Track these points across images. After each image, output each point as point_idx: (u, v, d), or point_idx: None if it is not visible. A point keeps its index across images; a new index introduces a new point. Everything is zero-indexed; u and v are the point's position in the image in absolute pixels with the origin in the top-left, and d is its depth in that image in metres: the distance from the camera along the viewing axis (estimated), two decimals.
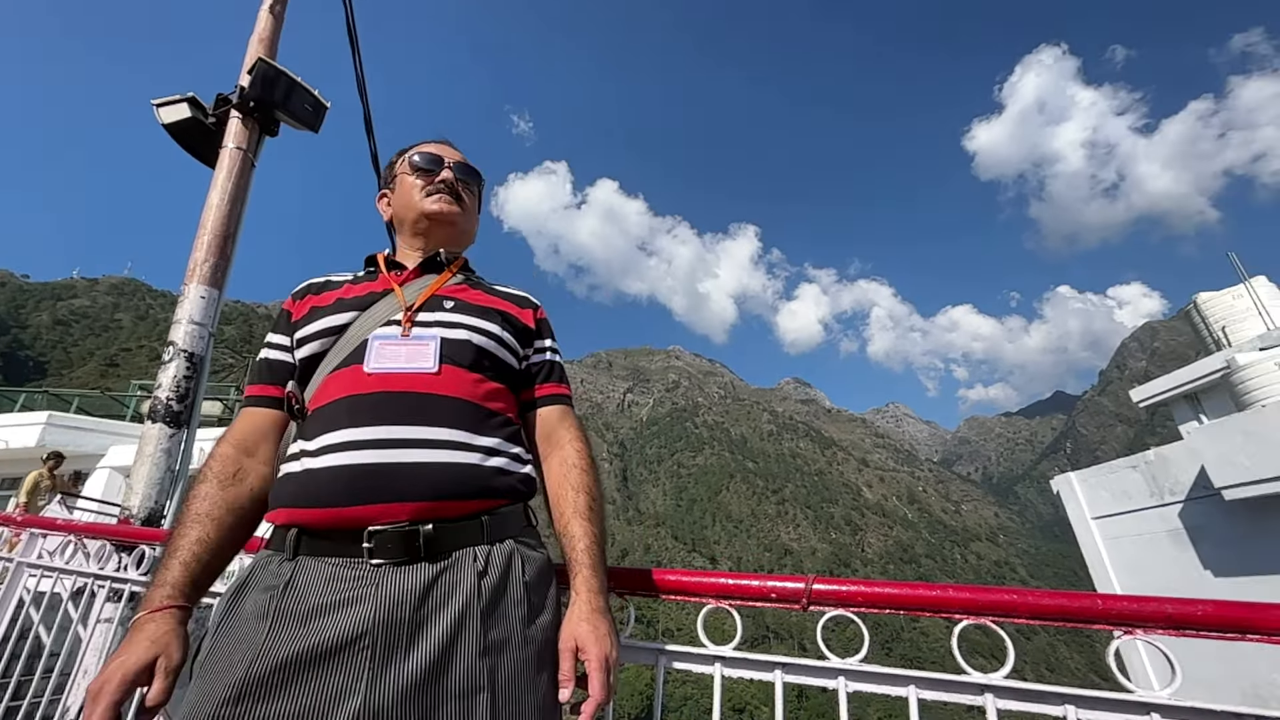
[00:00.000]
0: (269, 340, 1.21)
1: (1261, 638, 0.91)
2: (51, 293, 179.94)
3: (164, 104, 3.28)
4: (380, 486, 0.92)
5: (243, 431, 1.12)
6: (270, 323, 1.26)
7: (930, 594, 1.08)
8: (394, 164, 1.39)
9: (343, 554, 0.91)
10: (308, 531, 0.94)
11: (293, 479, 0.99)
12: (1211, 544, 8.37)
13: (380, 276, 1.24)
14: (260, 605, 0.88)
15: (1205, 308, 11.85)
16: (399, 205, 1.34)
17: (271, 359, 1.18)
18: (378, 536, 0.91)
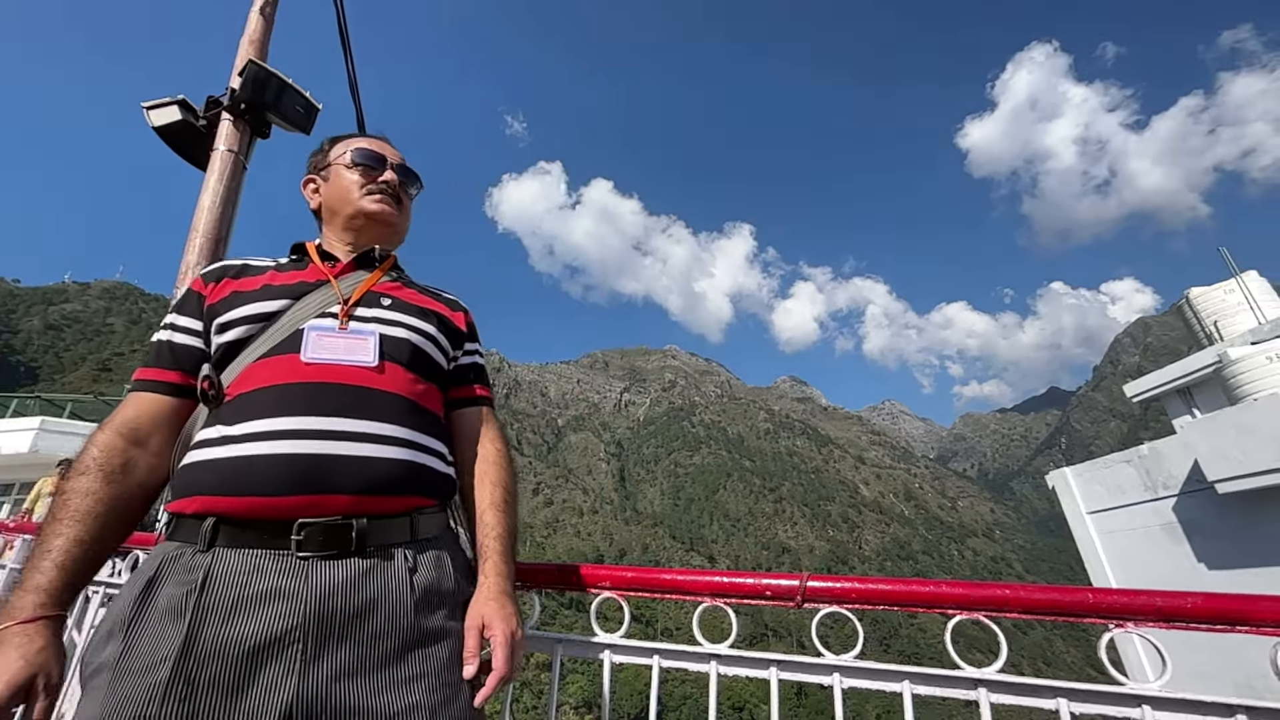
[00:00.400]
0: (171, 322, 1.13)
1: (1250, 629, 0.92)
2: (43, 297, 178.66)
3: (154, 107, 3.26)
4: (317, 478, 0.91)
5: (132, 419, 1.03)
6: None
7: (924, 590, 1.09)
8: (327, 151, 1.35)
9: (267, 545, 0.89)
10: (227, 521, 0.90)
11: (210, 466, 0.93)
12: (1205, 537, 8.43)
13: (311, 266, 1.21)
14: (176, 601, 0.83)
15: (1197, 303, 11.93)
16: (333, 196, 1.29)
17: (175, 342, 1.10)
18: (308, 529, 0.90)
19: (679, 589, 1.25)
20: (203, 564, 0.87)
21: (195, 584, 0.84)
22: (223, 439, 0.95)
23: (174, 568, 0.88)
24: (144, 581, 0.87)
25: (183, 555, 0.89)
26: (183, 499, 0.93)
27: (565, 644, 1.35)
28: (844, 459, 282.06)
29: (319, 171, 1.33)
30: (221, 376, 1.04)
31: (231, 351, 1.06)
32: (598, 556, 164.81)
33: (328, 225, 1.31)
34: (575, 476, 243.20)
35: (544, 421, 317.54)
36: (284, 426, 0.93)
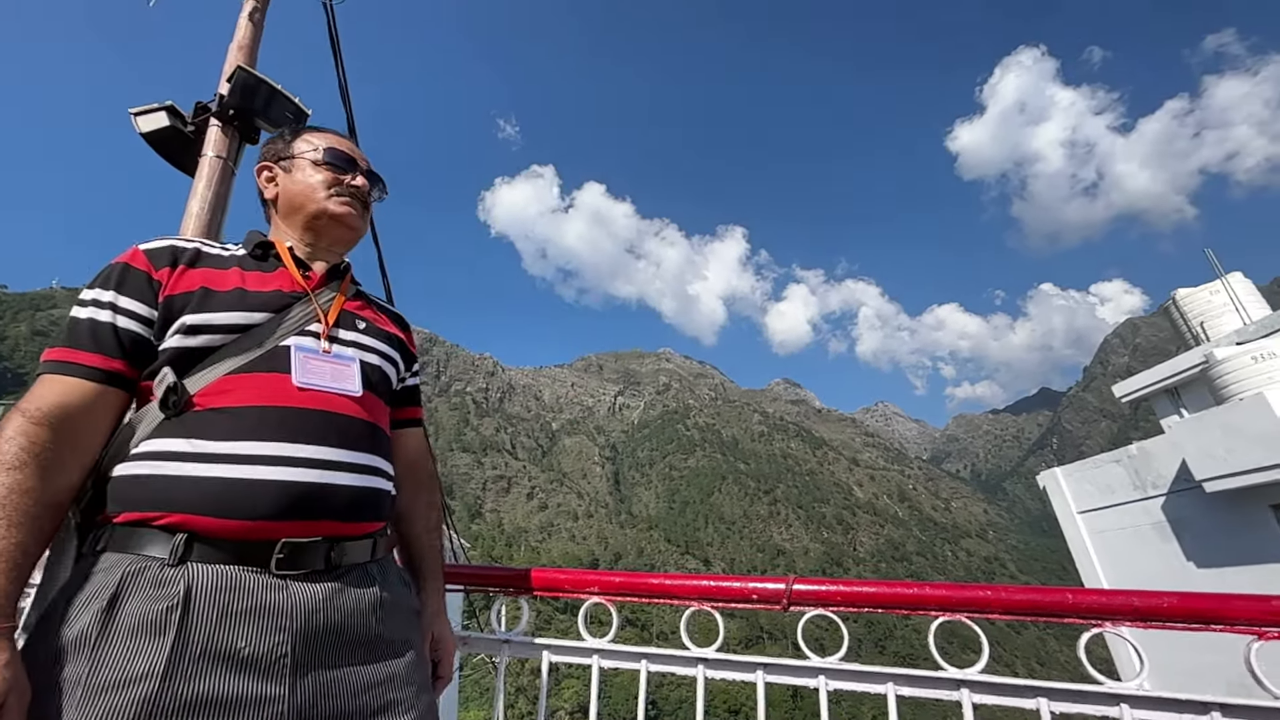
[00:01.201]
0: (111, 302, 0.99)
1: (1225, 628, 0.94)
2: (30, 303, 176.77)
3: (141, 113, 3.25)
4: (306, 505, 0.94)
5: (59, 408, 0.91)
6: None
7: (907, 592, 1.10)
8: (290, 141, 1.28)
9: (244, 563, 0.89)
10: (202, 539, 0.87)
11: (189, 483, 0.89)
12: (1194, 535, 8.52)
13: (282, 272, 1.15)
14: (155, 616, 0.81)
15: (1183, 304, 12.09)
16: (295, 191, 1.23)
17: (119, 326, 0.98)
18: (290, 548, 0.92)
19: (666, 594, 1.26)
20: (178, 579, 0.84)
21: (177, 599, 0.83)
22: (201, 455, 0.91)
23: (139, 582, 0.83)
24: (107, 596, 0.82)
25: (147, 569, 0.84)
26: (143, 511, 0.88)
27: (554, 650, 1.35)
28: (838, 461, 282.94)
29: (279, 161, 1.26)
30: (184, 381, 0.97)
31: (195, 356, 0.99)
32: (592, 560, 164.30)
33: (284, 220, 1.24)
34: (570, 480, 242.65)
35: (538, 425, 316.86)
36: (279, 453, 0.93)
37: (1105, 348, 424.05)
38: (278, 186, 1.25)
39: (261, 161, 1.28)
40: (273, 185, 1.26)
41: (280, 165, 1.26)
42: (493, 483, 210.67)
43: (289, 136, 1.29)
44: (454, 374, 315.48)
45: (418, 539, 1.27)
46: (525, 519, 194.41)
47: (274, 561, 0.90)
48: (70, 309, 1.03)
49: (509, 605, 1.51)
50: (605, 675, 1.34)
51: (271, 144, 1.30)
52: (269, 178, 1.27)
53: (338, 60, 4.14)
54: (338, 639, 0.93)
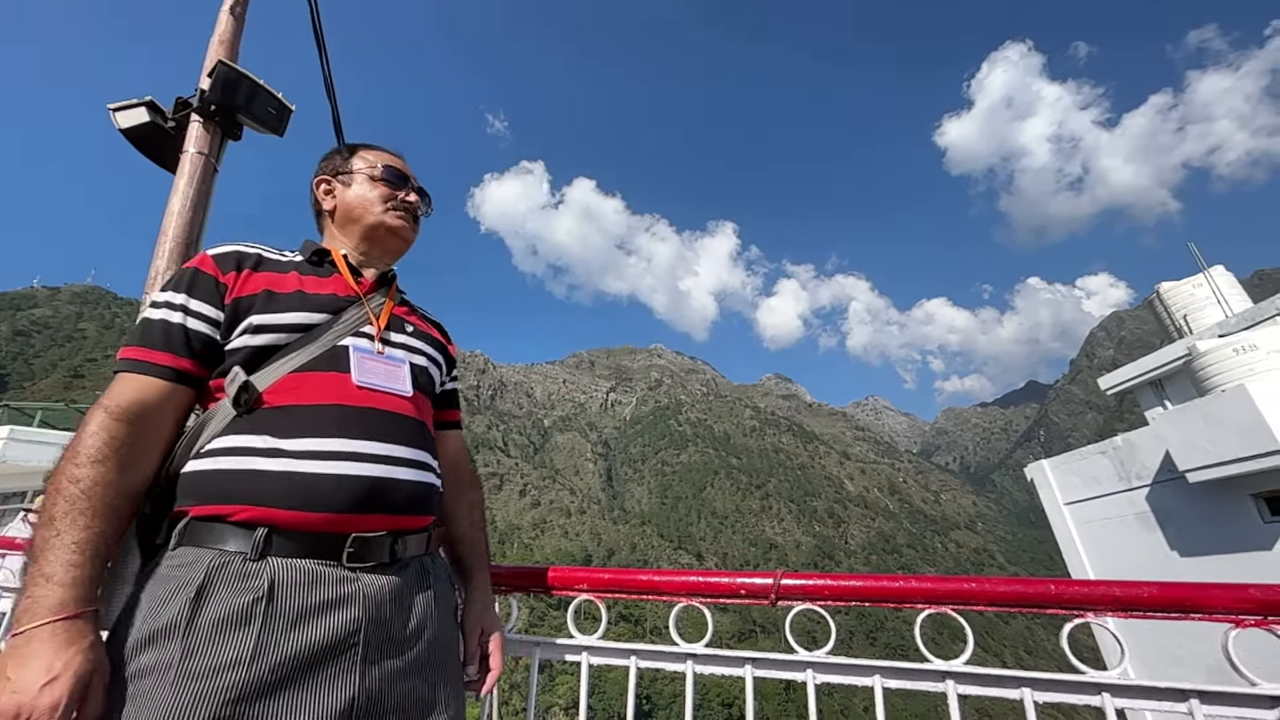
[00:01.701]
0: (182, 304, 1.05)
1: (1203, 616, 0.96)
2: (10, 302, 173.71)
3: (121, 108, 3.19)
4: (372, 499, 1.00)
5: (138, 405, 0.96)
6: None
7: (893, 586, 1.11)
8: (348, 157, 1.36)
9: (320, 556, 0.94)
10: (280, 533, 0.92)
11: (267, 477, 0.94)
12: (1178, 525, 8.66)
13: (337, 278, 1.23)
14: (242, 608, 0.86)
15: (1167, 297, 12.25)
16: (354, 204, 1.31)
17: (189, 328, 1.04)
18: (359, 542, 0.98)
19: (655, 589, 1.26)
20: (261, 572, 0.90)
21: (262, 591, 0.88)
22: (276, 451, 0.96)
23: (223, 575, 0.89)
24: (194, 588, 0.87)
25: (230, 563, 0.89)
26: (221, 504, 0.92)
27: (543, 647, 1.35)
28: (829, 455, 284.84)
29: (338, 175, 1.35)
30: (251, 379, 1.02)
31: (261, 355, 1.05)
32: (586, 557, 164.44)
33: (341, 229, 1.33)
34: (562, 477, 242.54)
35: (530, 422, 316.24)
36: (347, 449, 1.00)
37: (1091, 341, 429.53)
38: (335, 199, 1.33)
39: (319, 175, 1.36)
40: (330, 198, 1.34)
41: (339, 179, 1.34)
42: (485, 480, 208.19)
43: (346, 153, 1.37)
44: None
45: (464, 537, 1.33)
46: (518, 516, 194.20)
47: (345, 555, 0.96)
48: (51, 309, 1.02)
49: (500, 603, 1.51)
50: (600, 671, 1.35)
51: (329, 160, 1.39)
52: (326, 190, 1.35)
53: (322, 54, 4.09)
54: (401, 629, 1.00)
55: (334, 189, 1.34)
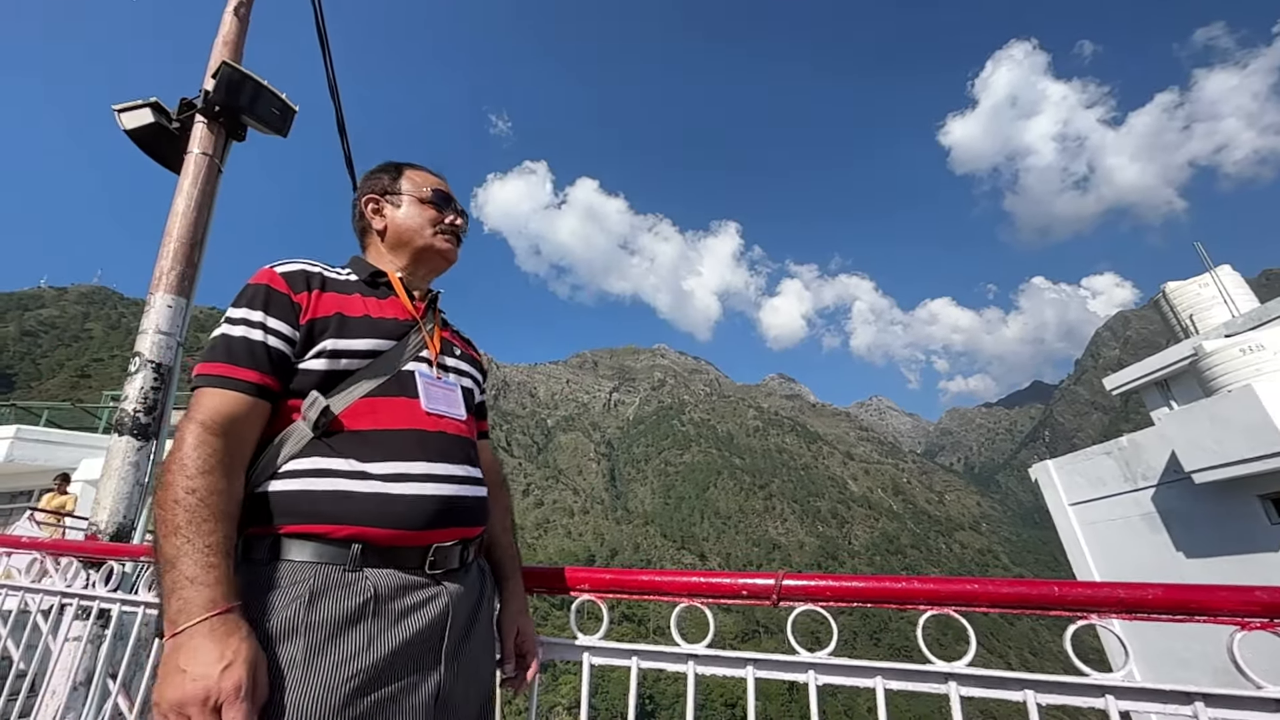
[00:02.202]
0: (262, 322, 1.07)
1: (1209, 619, 0.95)
2: (18, 303, 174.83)
3: (126, 109, 3.20)
4: (446, 517, 1.09)
5: (229, 421, 1.00)
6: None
7: (895, 587, 1.11)
8: (396, 177, 1.40)
9: (404, 567, 1.04)
10: (373, 548, 1.01)
11: (358, 499, 1.01)
12: (1183, 526, 8.61)
13: (396, 301, 1.27)
14: (353, 609, 0.95)
15: (1173, 297, 12.17)
16: (405, 226, 1.36)
17: (270, 345, 1.07)
18: (439, 552, 1.08)
19: (657, 590, 1.26)
20: (364, 580, 0.98)
21: (370, 594, 0.97)
22: (363, 474, 1.04)
23: (328, 583, 0.96)
24: (306, 593, 0.94)
25: (331, 573, 0.97)
26: (315, 524, 0.99)
27: (546, 647, 1.35)
28: (832, 455, 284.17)
29: (386, 195, 1.38)
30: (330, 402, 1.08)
31: (335, 378, 1.10)
32: (589, 557, 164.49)
33: (391, 250, 1.37)
34: (565, 477, 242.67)
35: (533, 422, 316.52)
36: (425, 471, 1.08)
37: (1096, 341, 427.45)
38: (385, 219, 1.37)
39: (368, 194, 1.39)
40: (380, 218, 1.37)
41: (388, 200, 1.38)
42: None
43: (394, 173, 1.41)
44: None
45: (498, 540, 1.39)
46: (521, 516, 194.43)
47: (427, 564, 1.06)
48: (58, 309, 1.02)
49: None
50: (603, 671, 1.35)
51: (376, 179, 1.41)
52: (375, 210, 1.38)
53: (326, 55, 4.10)
54: (470, 627, 1.12)
55: (383, 209, 1.38)
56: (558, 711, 73.03)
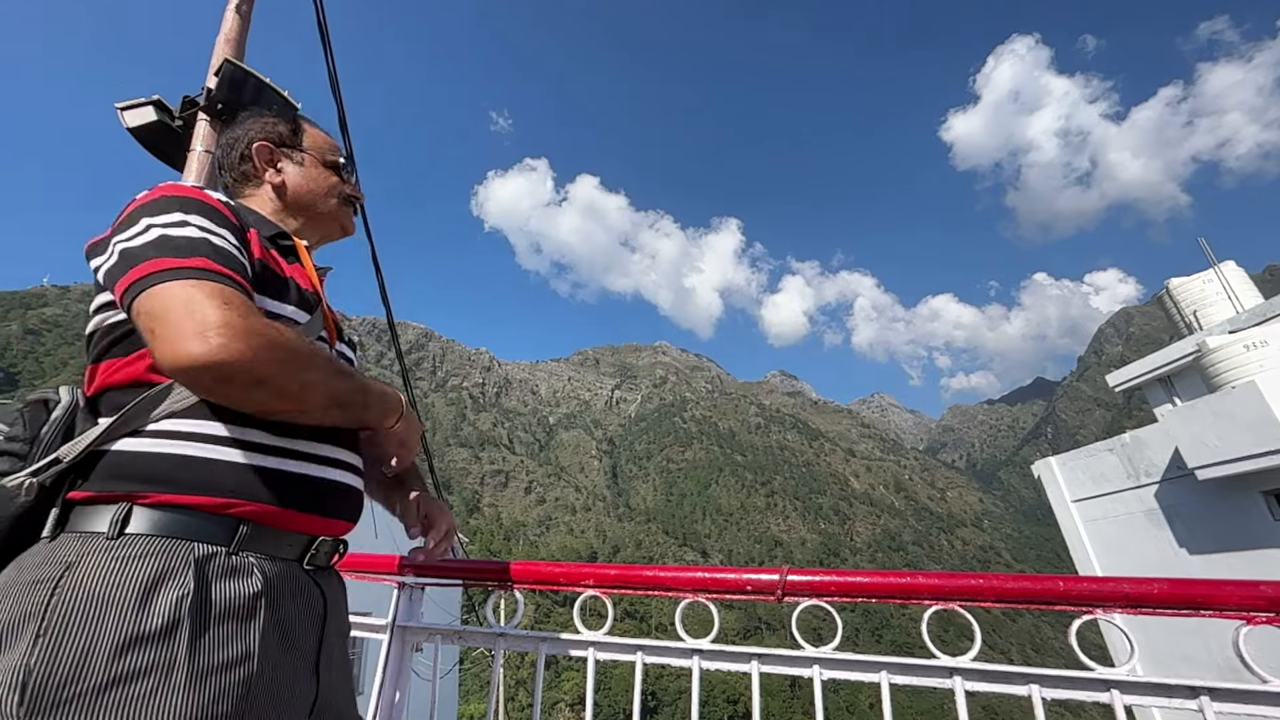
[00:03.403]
0: (227, 237, 0.91)
1: (1214, 613, 0.95)
2: (21, 301, 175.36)
3: (128, 107, 3.21)
4: (339, 507, 1.00)
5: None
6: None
7: (900, 582, 1.11)
8: (295, 130, 1.24)
9: (283, 555, 0.91)
10: (261, 530, 0.88)
11: (258, 473, 0.88)
12: (1186, 523, 8.60)
13: (301, 271, 1.10)
14: (244, 602, 0.81)
15: (1177, 293, 12.14)
16: (307, 189, 1.21)
17: (243, 261, 0.92)
18: (321, 546, 0.98)
19: (661, 585, 1.26)
20: (252, 567, 0.85)
21: (261, 590, 0.84)
22: (263, 447, 0.89)
23: (212, 567, 0.82)
24: (191, 581, 0.78)
25: (216, 556, 0.82)
26: (199, 494, 0.84)
27: (549, 642, 1.36)
28: (834, 452, 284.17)
29: (283, 147, 1.21)
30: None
31: None
32: (591, 554, 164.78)
33: (287, 211, 1.19)
34: (567, 474, 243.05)
35: (535, 420, 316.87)
36: (330, 455, 0.98)
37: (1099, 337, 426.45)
38: (282, 175, 1.20)
39: (262, 139, 1.19)
40: (274, 171, 1.20)
41: (285, 153, 1.21)
42: (490, 477, 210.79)
43: (291, 124, 1.24)
44: (450, 369, 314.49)
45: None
46: (523, 513, 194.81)
47: (306, 557, 0.95)
48: (61, 307, 0.99)
49: (506, 599, 1.51)
50: (605, 667, 1.35)
51: (269, 123, 1.22)
52: (269, 160, 1.19)
53: (327, 53, 4.10)
54: (336, 635, 1.00)
55: (278, 162, 1.20)
56: (560, 708, 73.25)
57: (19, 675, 0.67)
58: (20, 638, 0.70)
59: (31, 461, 0.82)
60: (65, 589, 0.73)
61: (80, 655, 0.70)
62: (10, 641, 0.70)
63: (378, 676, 1.46)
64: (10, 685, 0.67)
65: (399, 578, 1.54)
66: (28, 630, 0.70)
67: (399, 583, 1.56)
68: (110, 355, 0.90)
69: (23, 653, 0.69)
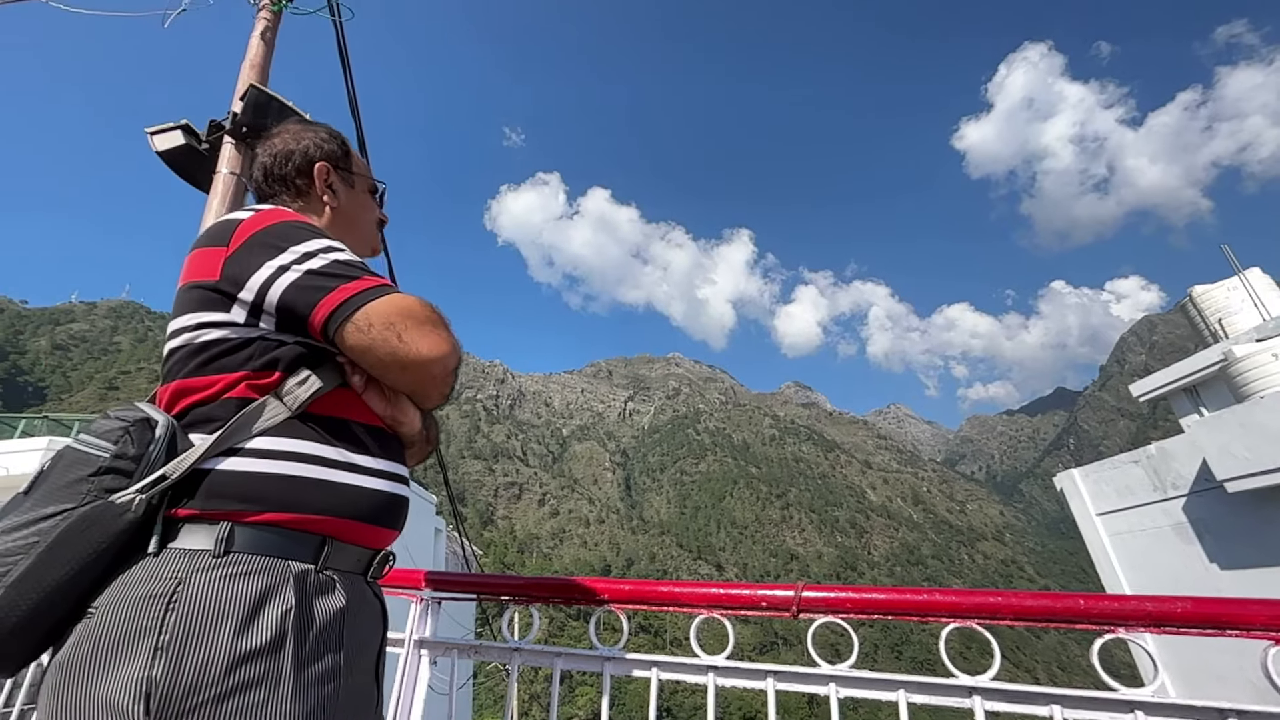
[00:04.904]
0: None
1: (1240, 633, 0.93)
2: (50, 317, 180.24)
3: (157, 132, 3.32)
4: (398, 519, 1.05)
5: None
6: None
7: (916, 599, 1.10)
8: (345, 153, 1.26)
9: (353, 569, 0.97)
10: (338, 547, 0.93)
11: (342, 490, 0.93)
12: (1217, 537, 8.34)
13: None
14: (334, 619, 0.88)
15: (1200, 301, 11.89)
16: (356, 216, 1.26)
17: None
18: (380, 558, 1.02)
19: (676, 601, 1.26)
20: (336, 584, 0.91)
21: (344, 605, 0.90)
22: (349, 465, 0.95)
23: (309, 583, 0.87)
24: (292, 599, 0.84)
25: (309, 572, 0.88)
26: (292, 513, 0.89)
27: (564, 658, 1.36)
28: (850, 464, 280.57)
29: (343, 166, 1.24)
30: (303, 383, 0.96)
31: (319, 357, 0.97)
32: (605, 566, 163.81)
33: (331, 230, 1.17)
34: (581, 486, 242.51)
35: (548, 432, 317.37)
36: (390, 469, 1.03)
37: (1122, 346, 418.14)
38: (338, 200, 1.22)
39: (322, 160, 1.21)
40: (331, 194, 1.21)
41: (345, 180, 1.24)
42: (504, 489, 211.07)
43: (342, 147, 1.26)
44: (464, 381, 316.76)
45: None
46: (537, 525, 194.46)
47: (369, 570, 1.00)
48: (88, 323, 1.02)
49: (521, 613, 1.52)
50: (619, 682, 1.35)
51: (328, 143, 1.23)
52: (326, 181, 1.21)
53: (347, 74, 4.21)
54: (381, 645, 1.04)
55: (333, 183, 1.22)
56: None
57: (143, 686, 0.72)
58: (139, 650, 0.74)
59: (139, 478, 0.84)
60: (180, 604, 0.77)
61: (199, 667, 0.74)
62: (130, 653, 0.74)
63: (395, 690, 1.48)
64: (135, 695, 0.71)
65: (417, 592, 1.56)
66: (146, 643, 0.75)
67: (417, 597, 1.58)
68: (203, 373, 0.94)
69: (144, 664, 0.73)
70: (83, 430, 0.90)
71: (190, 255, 1.01)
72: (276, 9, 3.82)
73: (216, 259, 0.95)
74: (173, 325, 0.99)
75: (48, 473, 0.85)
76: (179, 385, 0.95)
